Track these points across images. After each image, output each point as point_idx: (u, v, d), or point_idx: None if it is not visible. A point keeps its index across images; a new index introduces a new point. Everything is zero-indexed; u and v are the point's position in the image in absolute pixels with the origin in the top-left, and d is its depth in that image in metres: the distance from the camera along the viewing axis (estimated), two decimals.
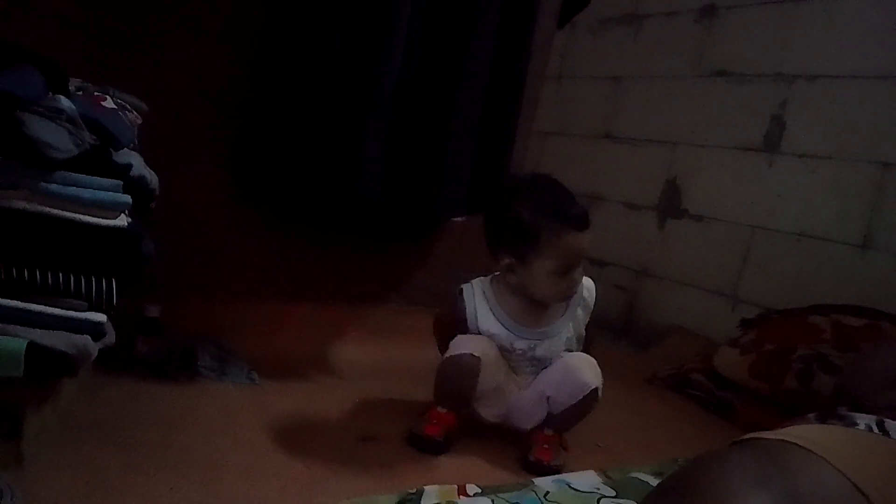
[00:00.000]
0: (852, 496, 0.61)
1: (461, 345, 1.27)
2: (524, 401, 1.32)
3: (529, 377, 1.33)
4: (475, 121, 1.73)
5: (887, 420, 0.74)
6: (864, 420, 0.74)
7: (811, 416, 0.81)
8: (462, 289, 1.35)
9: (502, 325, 1.31)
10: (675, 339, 2.15)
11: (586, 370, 1.27)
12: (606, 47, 2.56)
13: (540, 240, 1.22)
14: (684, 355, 1.97)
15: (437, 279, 1.90)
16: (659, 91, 2.35)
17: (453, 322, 1.35)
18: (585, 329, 1.37)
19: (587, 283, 1.34)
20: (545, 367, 1.32)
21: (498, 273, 1.33)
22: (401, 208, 1.71)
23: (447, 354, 1.28)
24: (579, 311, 1.34)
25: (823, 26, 1.93)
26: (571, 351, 1.34)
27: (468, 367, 1.25)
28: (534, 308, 1.31)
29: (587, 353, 1.34)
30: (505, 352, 1.32)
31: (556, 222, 1.21)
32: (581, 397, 1.25)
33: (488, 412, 1.32)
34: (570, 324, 1.33)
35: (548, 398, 1.30)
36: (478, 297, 1.33)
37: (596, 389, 1.26)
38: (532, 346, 1.32)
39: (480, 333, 1.32)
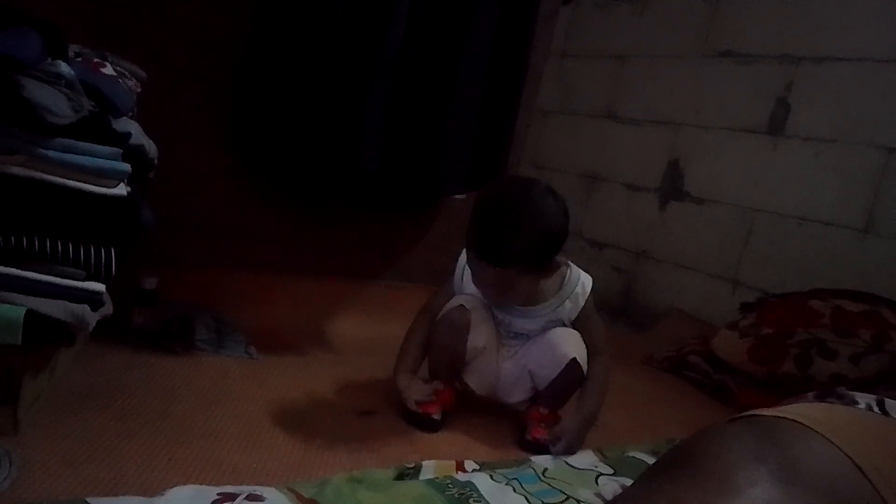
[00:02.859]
0: (850, 472, 0.61)
1: (452, 302, 1.31)
2: (507, 373, 1.33)
3: (512, 349, 1.34)
4: (477, 96, 1.72)
5: (887, 399, 0.74)
6: (863, 399, 0.74)
7: (810, 394, 0.81)
8: (463, 251, 1.36)
9: None
10: (673, 322, 2.15)
11: (565, 342, 1.28)
12: (611, 25, 2.53)
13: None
14: (682, 338, 1.97)
15: (436, 256, 1.89)
16: (663, 71, 2.33)
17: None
18: (580, 324, 1.34)
19: (584, 279, 1.33)
20: (526, 341, 1.34)
21: None
22: (400, 181, 1.70)
23: (440, 314, 1.30)
24: (567, 304, 1.31)
25: (831, 7, 1.91)
26: None
27: (459, 320, 1.27)
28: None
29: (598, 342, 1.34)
30: None
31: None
32: (562, 368, 1.26)
33: (476, 382, 1.33)
34: (552, 313, 1.32)
35: (530, 372, 1.31)
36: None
37: (575, 359, 1.26)
38: (508, 320, 1.33)
39: (463, 294, 1.34)
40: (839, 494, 0.59)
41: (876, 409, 0.74)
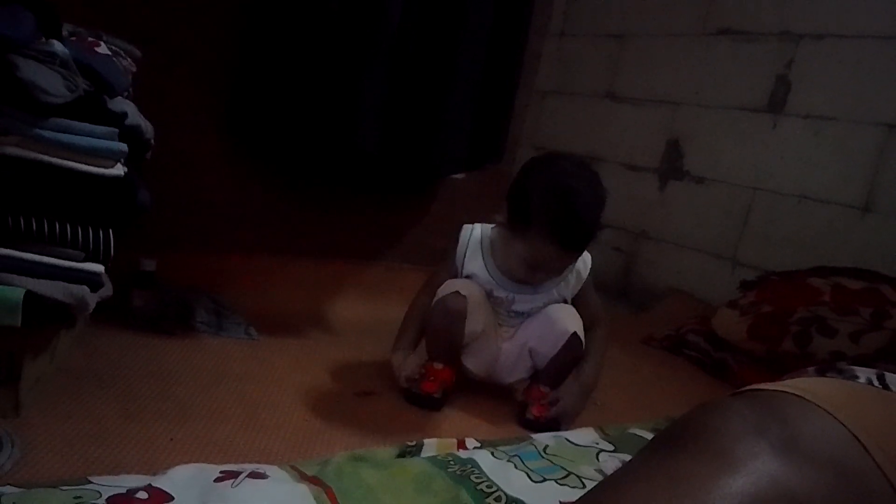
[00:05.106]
0: (851, 446, 0.61)
1: (447, 287, 1.29)
2: (507, 353, 1.34)
3: (511, 329, 1.35)
4: (475, 76, 1.71)
5: (888, 374, 0.74)
6: (864, 373, 0.74)
7: (810, 369, 0.80)
8: (463, 227, 1.37)
9: (487, 270, 1.33)
10: (672, 301, 2.15)
11: (565, 318, 1.29)
12: (610, 4, 2.51)
13: (525, 230, 1.23)
14: (682, 317, 1.98)
15: (435, 237, 1.89)
16: (662, 49, 2.31)
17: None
18: (579, 299, 1.36)
19: (584, 255, 1.34)
20: (525, 319, 1.34)
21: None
22: (398, 162, 1.69)
23: (435, 299, 1.29)
24: (570, 278, 1.34)
25: None
26: None
27: (455, 307, 1.26)
28: None
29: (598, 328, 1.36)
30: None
31: (547, 226, 1.20)
32: (562, 344, 1.27)
33: (475, 364, 1.33)
34: (555, 289, 1.34)
35: (530, 350, 1.32)
36: (472, 238, 1.35)
37: (575, 334, 1.27)
38: (511, 298, 1.33)
39: (464, 272, 1.34)
40: (840, 468, 0.59)
41: (876, 383, 0.74)
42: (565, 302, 1.35)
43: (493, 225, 1.35)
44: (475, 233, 1.36)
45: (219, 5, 1.57)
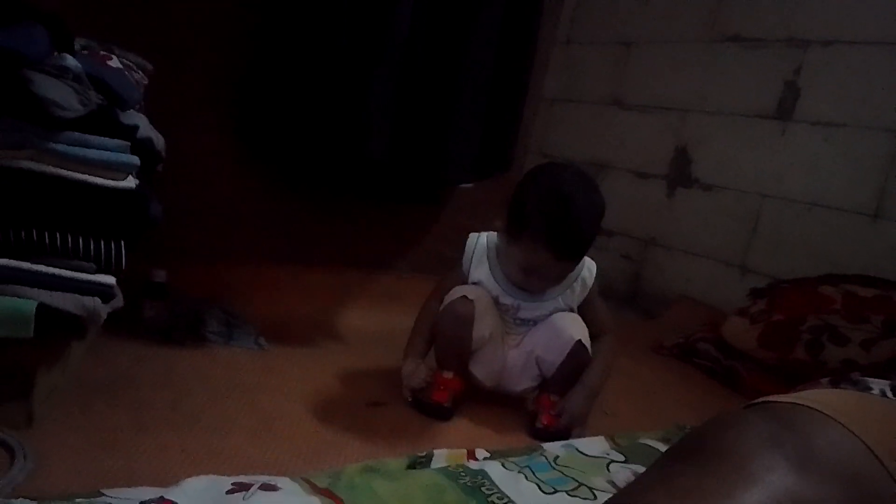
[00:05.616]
0: (865, 458, 0.60)
1: (454, 293, 1.30)
2: (513, 361, 1.34)
3: (518, 337, 1.35)
4: (484, 84, 1.72)
5: None
6: (877, 385, 0.74)
7: (823, 380, 0.80)
8: (470, 235, 1.38)
9: (493, 277, 1.33)
10: (681, 309, 2.15)
11: (570, 325, 1.29)
12: (617, 11, 2.51)
13: (521, 235, 1.23)
14: (691, 325, 1.97)
15: (445, 246, 1.89)
16: (670, 56, 2.31)
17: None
18: (586, 307, 1.36)
19: (588, 263, 1.35)
20: (531, 327, 1.34)
21: None
22: (407, 171, 1.70)
23: (443, 306, 1.30)
24: (576, 286, 1.34)
25: None
26: None
27: (463, 311, 1.26)
28: None
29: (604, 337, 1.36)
30: None
31: (541, 234, 1.20)
32: (568, 352, 1.27)
33: (482, 372, 1.33)
34: (561, 297, 1.34)
35: (537, 358, 1.32)
36: (479, 246, 1.36)
37: (580, 341, 1.27)
38: (517, 305, 1.33)
39: (470, 280, 1.34)
40: (855, 480, 0.59)
41: (890, 394, 0.74)
42: (571, 311, 1.35)
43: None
44: (481, 240, 1.36)
45: (229, 15, 1.59)
